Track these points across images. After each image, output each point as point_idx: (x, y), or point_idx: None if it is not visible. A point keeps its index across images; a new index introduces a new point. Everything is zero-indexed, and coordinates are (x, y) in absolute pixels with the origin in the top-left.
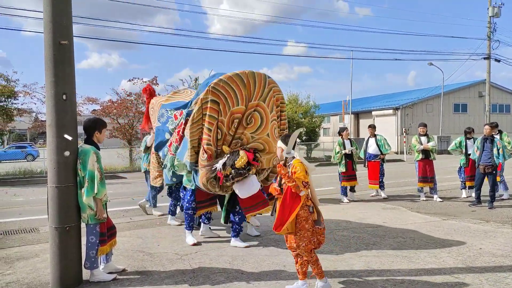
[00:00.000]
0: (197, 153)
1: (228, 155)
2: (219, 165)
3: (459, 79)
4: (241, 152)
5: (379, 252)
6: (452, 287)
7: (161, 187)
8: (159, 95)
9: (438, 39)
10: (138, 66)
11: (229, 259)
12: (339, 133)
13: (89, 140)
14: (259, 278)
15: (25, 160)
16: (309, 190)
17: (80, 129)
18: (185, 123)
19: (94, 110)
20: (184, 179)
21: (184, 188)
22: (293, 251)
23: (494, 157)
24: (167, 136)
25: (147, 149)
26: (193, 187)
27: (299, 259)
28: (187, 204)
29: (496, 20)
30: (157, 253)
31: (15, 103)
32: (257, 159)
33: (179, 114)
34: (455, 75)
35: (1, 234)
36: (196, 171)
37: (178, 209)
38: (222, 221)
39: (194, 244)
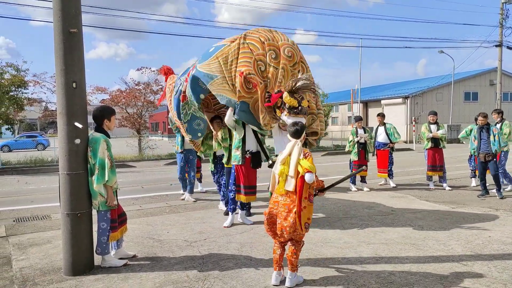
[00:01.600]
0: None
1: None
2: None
3: (470, 67)
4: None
5: (387, 240)
6: (461, 274)
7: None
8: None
9: (449, 27)
10: (146, 55)
11: (238, 246)
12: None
13: (99, 129)
14: (268, 265)
15: (36, 149)
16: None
17: (90, 118)
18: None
19: (103, 99)
20: (232, 157)
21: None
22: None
23: (491, 145)
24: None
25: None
26: (240, 162)
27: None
28: (229, 187)
29: (509, 7)
30: (166, 240)
31: (25, 93)
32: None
33: (187, 75)
34: (466, 63)
35: (14, 221)
36: (244, 108)
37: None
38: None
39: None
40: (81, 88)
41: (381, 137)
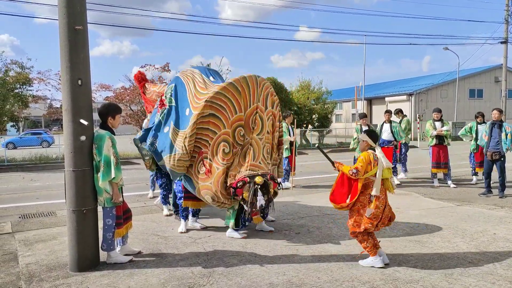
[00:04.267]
0: (189, 163)
1: (259, 186)
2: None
3: (474, 64)
4: (270, 184)
5: (392, 237)
6: (466, 271)
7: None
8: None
9: (454, 23)
10: (149, 53)
11: (242, 243)
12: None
13: (104, 126)
14: (272, 262)
15: (41, 146)
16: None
17: (95, 116)
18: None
19: (107, 96)
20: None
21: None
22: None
23: (502, 143)
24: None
25: None
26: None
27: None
28: (179, 194)
29: None
30: (171, 237)
31: (30, 90)
32: (279, 184)
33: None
34: (470, 60)
35: (20, 217)
36: (189, 179)
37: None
38: (230, 224)
39: (244, 237)
40: (86, 85)
41: (386, 134)
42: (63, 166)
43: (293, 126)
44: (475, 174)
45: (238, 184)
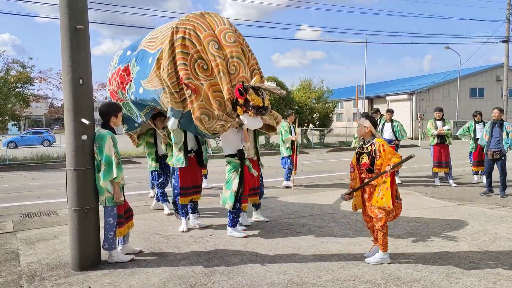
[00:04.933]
0: (182, 99)
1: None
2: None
3: (476, 63)
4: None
5: (393, 236)
6: (467, 271)
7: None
8: None
9: (456, 22)
10: None
11: (243, 242)
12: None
13: (105, 125)
14: (273, 261)
15: (42, 146)
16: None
17: (96, 115)
18: (125, 71)
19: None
20: (174, 159)
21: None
22: (369, 223)
23: (503, 142)
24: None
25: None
26: (182, 165)
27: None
28: (176, 191)
29: None
30: (172, 236)
31: (31, 89)
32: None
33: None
34: (472, 59)
35: (21, 216)
36: (189, 120)
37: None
38: (227, 206)
39: (245, 236)
40: (87, 84)
41: (387, 133)
42: (64, 165)
43: (294, 125)
44: (476, 173)
45: (240, 90)
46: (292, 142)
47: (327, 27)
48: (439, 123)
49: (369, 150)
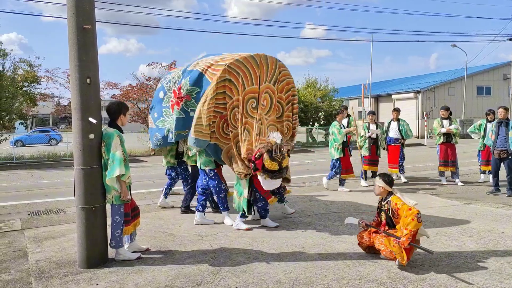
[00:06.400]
0: (211, 131)
1: (276, 149)
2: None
3: (483, 62)
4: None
5: None
6: (473, 270)
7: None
8: None
9: (462, 20)
10: (156, 51)
11: (249, 241)
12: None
13: (113, 124)
14: (279, 259)
15: (49, 144)
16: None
17: (103, 113)
18: (178, 96)
19: (114, 94)
20: (201, 160)
21: (204, 172)
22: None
23: (510, 141)
24: (160, 95)
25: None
26: (214, 167)
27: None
28: (217, 188)
29: None
30: (178, 234)
31: (38, 88)
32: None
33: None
34: (479, 57)
35: (29, 214)
36: (217, 150)
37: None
38: (244, 212)
39: (248, 229)
40: (95, 83)
41: (393, 132)
42: (71, 163)
43: (349, 123)
44: (483, 172)
45: (256, 156)
46: (344, 143)
47: (332, 26)
48: (445, 122)
49: (385, 208)
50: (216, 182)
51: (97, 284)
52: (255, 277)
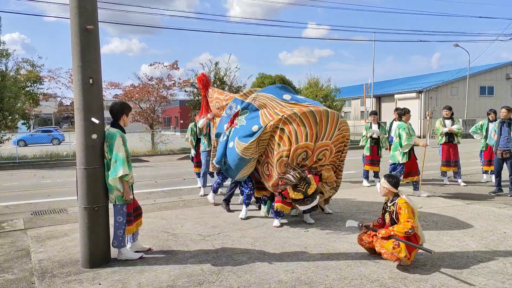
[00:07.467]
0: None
1: (299, 179)
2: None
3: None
4: (311, 179)
5: None
6: (475, 270)
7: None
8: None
9: (465, 20)
10: (158, 51)
11: (251, 241)
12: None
13: (115, 124)
14: (280, 259)
15: (51, 144)
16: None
17: (106, 113)
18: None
19: (116, 94)
20: None
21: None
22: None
23: None
24: (225, 127)
25: (200, 131)
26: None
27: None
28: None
29: None
30: (181, 234)
31: (40, 88)
32: (321, 179)
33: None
34: (481, 56)
35: (32, 214)
36: (240, 165)
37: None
38: (264, 214)
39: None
40: (97, 84)
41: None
42: (73, 163)
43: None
44: (486, 172)
45: (282, 187)
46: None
47: (334, 25)
48: (447, 121)
49: (391, 210)
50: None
51: (99, 284)
52: (257, 277)
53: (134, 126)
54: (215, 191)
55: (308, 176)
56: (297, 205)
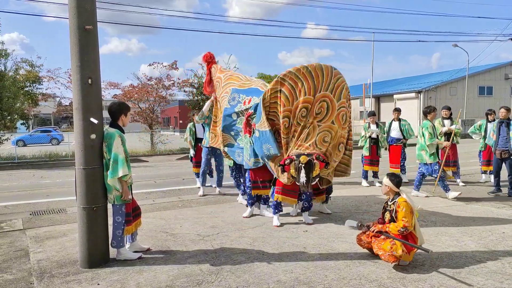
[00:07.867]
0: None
1: (303, 165)
2: (299, 176)
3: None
4: (316, 164)
5: None
6: (474, 270)
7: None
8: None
9: (464, 20)
10: (157, 51)
11: (250, 241)
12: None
13: (114, 124)
14: (279, 259)
15: (50, 144)
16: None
17: (105, 113)
18: (249, 116)
19: (115, 94)
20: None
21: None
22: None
23: (511, 141)
24: (233, 116)
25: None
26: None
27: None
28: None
29: None
30: (179, 234)
31: (39, 88)
32: (327, 164)
33: (248, 101)
34: (480, 56)
35: (31, 214)
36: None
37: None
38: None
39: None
40: (96, 84)
41: (395, 132)
42: (72, 163)
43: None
44: (484, 172)
45: (286, 162)
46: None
47: (334, 25)
48: (446, 121)
49: (391, 208)
50: (249, 177)
51: (98, 284)
52: (256, 277)
53: (133, 126)
54: (243, 194)
55: (315, 161)
56: (293, 179)
